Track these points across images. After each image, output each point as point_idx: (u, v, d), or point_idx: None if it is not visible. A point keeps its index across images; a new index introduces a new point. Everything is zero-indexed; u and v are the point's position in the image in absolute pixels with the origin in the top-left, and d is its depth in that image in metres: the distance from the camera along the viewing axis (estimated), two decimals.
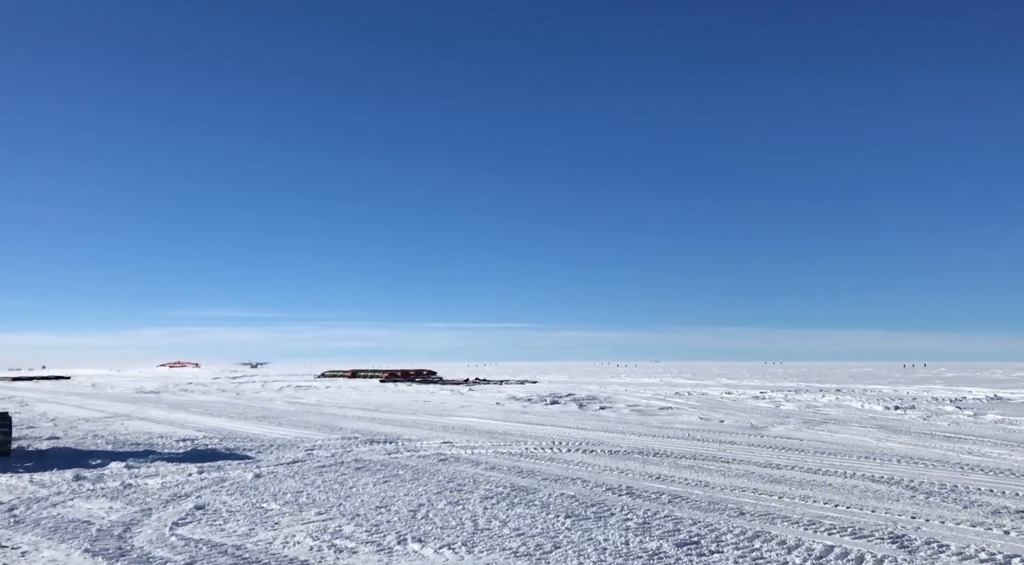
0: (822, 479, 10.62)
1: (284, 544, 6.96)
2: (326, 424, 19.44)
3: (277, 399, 31.70)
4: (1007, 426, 18.52)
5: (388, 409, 25.25)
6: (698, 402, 28.33)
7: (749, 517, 8.10)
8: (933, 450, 13.91)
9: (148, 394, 36.43)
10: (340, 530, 7.48)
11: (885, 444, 14.91)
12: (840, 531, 7.41)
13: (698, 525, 7.68)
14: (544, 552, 6.64)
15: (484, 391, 36.82)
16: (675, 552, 6.63)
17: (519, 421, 20.26)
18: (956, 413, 22.28)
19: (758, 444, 14.93)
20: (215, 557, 6.50)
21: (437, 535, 7.26)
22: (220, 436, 16.38)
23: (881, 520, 7.96)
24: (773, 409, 24.74)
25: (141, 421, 20.77)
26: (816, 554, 6.56)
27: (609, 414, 22.99)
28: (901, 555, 6.53)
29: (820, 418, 21.18)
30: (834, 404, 26.64)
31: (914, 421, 20.05)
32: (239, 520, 7.95)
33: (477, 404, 27.38)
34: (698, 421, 20.38)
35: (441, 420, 20.53)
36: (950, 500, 9.06)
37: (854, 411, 23.75)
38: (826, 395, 31.41)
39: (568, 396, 29.97)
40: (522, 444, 14.71)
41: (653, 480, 10.51)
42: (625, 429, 18.11)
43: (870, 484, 10.18)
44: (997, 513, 8.33)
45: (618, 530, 7.45)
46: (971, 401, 28.09)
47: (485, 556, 6.51)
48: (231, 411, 24.59)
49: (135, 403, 29.17)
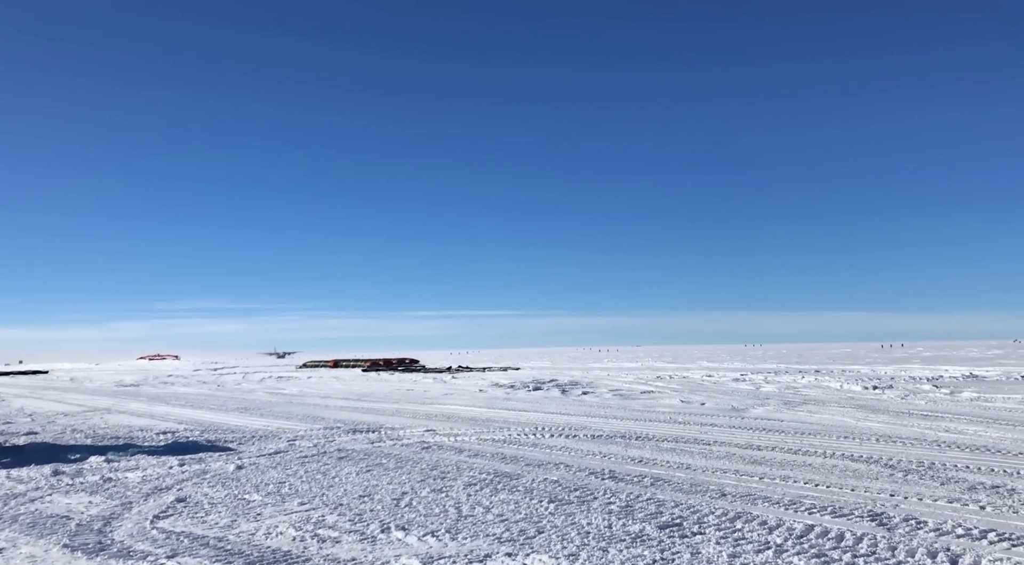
0: (802, 459, 10.72)
1: (267, 535, 6.93)
2: (308, 414, 19.37)
3: (258, 390, 31.54)
4: (982, 403, 18.79)
5: (370, 398, 25.19)
6: (679, 385, 28.51)
7: (731, 498, 8.17)
8: (911, 428, 14.09)
9: (128, 387, 36.10)
10: (323, 520, 7.46)
11: (864, 424, 15.09)
12: (820, 510, 7.49)
13: (680, 507, 7.73)
14: (528, 537, 6.66)
15: (467, 378, 36.83)
16: (658, 534, 6.67)
17: (502, 408, 20.29)
18: (933, 392, 22.58)
19: (739, 426, 15.05)
20: (197, 549, 6.46)
21: (421, 523, 7.26)
22: (201, 428, 16.28)
23: (860, 498, 8.06)
24: (753, 391, 24.95)
25: (121, 414, 20.58)
26: (797, 533, 6.63)
27: (591, 399, 23.08)
28: (880, 532, 6.62)
29: (800, 399, 21.38)
30: (813, 385, 26.91)
31: (892, 400, 20.30)
32: (221, 512, 7.91)
33: (460, 392, 27.38)
34: (679, 404, 20.51)
35: (424, 408, 20.52)
36: (927, 477, 9.19)
37: (833, 391, 24.01)
38: (805, 376, 31.72)
39: (551, 382, 30.05)
40: (505, 430, 14.73)
41: (635, 463, 10.57)
42: (607, 413, 18.19)
43: (849, 463, 10.29)
44: (973, 489, 8.46)
45: (601, 514, 7.49)
46: (947, 379, 28.48)
47: (469, 542, 6.52)
48: (212, 403, 24.43)
49: (114, 396, 28.90)
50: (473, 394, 25.93)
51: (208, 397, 27.56)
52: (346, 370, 56.18)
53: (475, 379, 35.78)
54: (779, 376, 32.79)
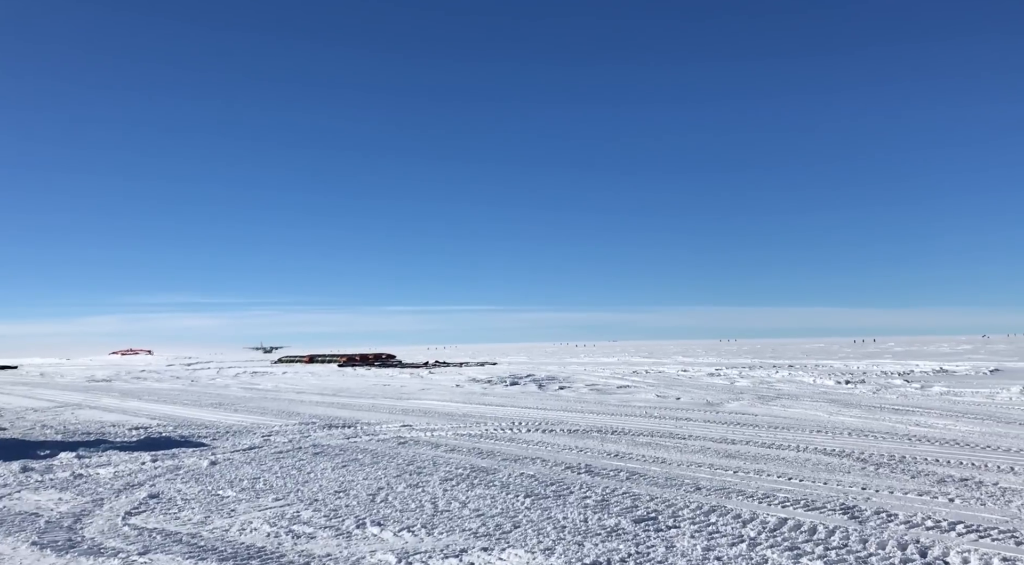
0: (776, 453, 10.83)
1: (240, 531, 6.87)
2: (283, 410, 19.24)
3: (233, 385, 31.27)
4: (952, 398, 19.09)
5: (346, 394, 25.08)
6: (655, 380, 28.67)
7: (705, 492, 8.23)
8: (882, 422, 14.27)
9: (99, 382, 35.64)
10: (298, 516, 7.41)
11: (836, 418, 15.26)
12: (793, 504, 7.57)
13: (655, 501, 7.78)
14: (504, 532, 6.66)
15: (444, 374, 36.78)
16: (633, 528, 6.70)
17: (479, 403, 20.28)
18: (904, 386, 22.90)
19: (714, 420, 15.16)
20: (169, 546, 6.39)
21: (396, 518, 7.24)
22: (175, 424, 16.11)
23: (833, 492, 8.15)
24: (728, 386, 25.15)
25: (92, 410, 20.31)
26: (770, 527, 6.69)
27: (568, 394, 23.14)
28: (852, 525, 6.70)
29: (773, 393, 21.59)
30: (787, 380, 27.18)
31: (864, 395, 20.55)
32: (194, 508, 7.83)
33: (437, 387, 27.34)
34: (655, 399, 20.62)
35: (400, 403, 20.46)
36: (898, 471, 9.31)
37: (806, 386, 24.26)
38: (779, 371, 32.03)
39: (528, 377, 30.09)
40: (482, 425, 14.73)
41: (611, 458, 10.61)
42: (584, 408, 18.25)
43: (822, 457, 10.41)
44: (942, 482, 8.59)
45: (577, 508, 7.51)
46: (918, 374, 28.89)
47: (445, 537, 6.51)
48: (186, 398, 24.19)
49: (86, 392, 28.52)
50: (450, 389, 25.89)
51: (182, 392, 27.28)
52: (322, 365, 55.87)
53: (452, 374, 35.73)
54: (753, 371, 33.08)
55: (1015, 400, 17.89)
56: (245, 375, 40.61)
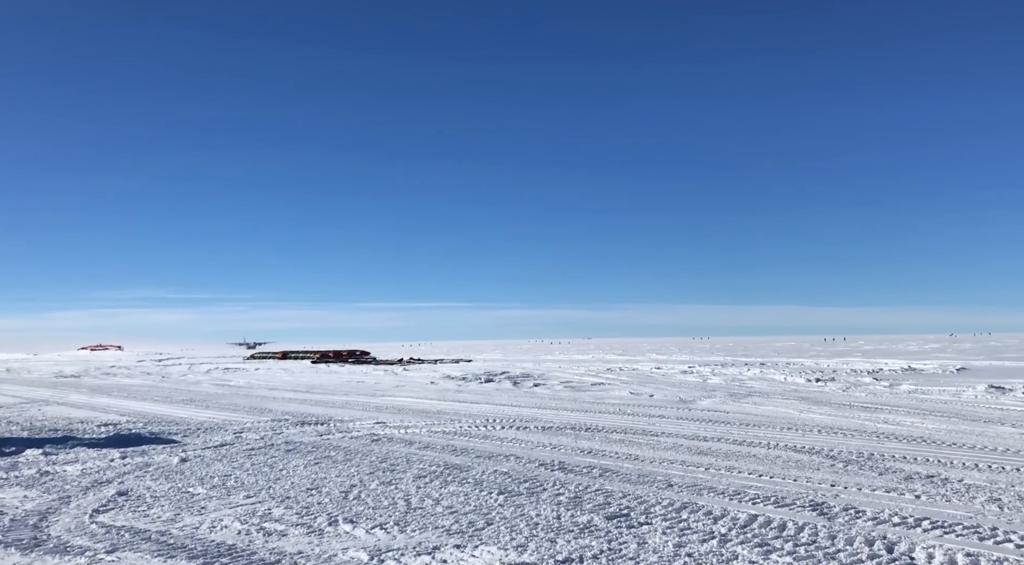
0: (747, 450, 10.93)
1: (211, 529, 6.81)
2: (255, 406, 19.08)
3: (204, 381, 30.95)
4: (919, 396, 19.39)
5: (320, 390, 24.92)
6: (629, 377, 28.81)
7: (677, 489, 8.29)
8: (851, 420, 14.47)
9: (68, 378, 35.08)
10: (269, 513, 7.36)
11: (806, 415, 15.44)
12: (764, 500, 7.65)
13: (628, 498, 7.82)
14: (477, 529, 6.66)
15: (418, 371, 36.68)
16: (605, 525, 6.74)
17: (453, 400, 20.26)
18: (873, 384, 23.23)
19: (686, 417, 15.27)
20: (138, 544, 6.32)
21: (369, 515, 7.21)
22: (145, 420, 15.91)
23: (802, 488, 8.25)
24: (701, 383, 25.34)
25: (60, 406, 20.00)
26: (741, 523, 6.76)
27: (543, 391, 23.18)
28: (821, 522, 6.78)
29: (745, 391, 21.80)
30: (758, 377, 27.45)
31: (834, 393, 20.82)
32: (164, 505, 7.75)
33: (411, 384, 27.26)
34: (629, 396, 20.73)
35: (374, 400, 20.38)
36: (867, 468, 9.45)
37: (777, 384, 24.52)
38: (751, 369, 32.33)
39: (502, 374, 30.10)
40: (456, 422, 14.72)
41: (585, 455, 10.65)
42: (558, 405, 18.30)
43: (792, 454, 10.53)
44: (909, 479, 8.73)
45: (550, 505, 7.53)
46: (887, 372, 29.32)
47: (418, 534, 6.50)
48: (156, 394, 23.90)
49: (53, 388, 28.07)
50: (424, 386, 25.83)
51: (152, 388, 26.94)
52: (295, 362, 55.48)
53: (426, 371, 35.65)
54: (726, 368, 33.36)
55: (980, 398, 18.22)
56: (217, 371, 40.21)
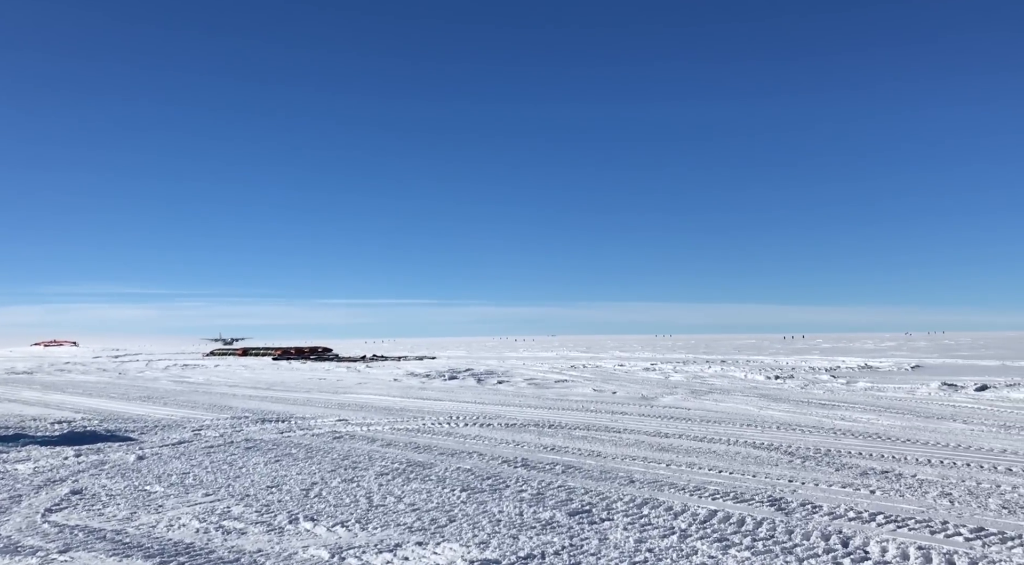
0: (707, 447, 11.06)
1: (168, 527, 6.70)
2: (215, 404, 18.81)
3: (162, 378, 30.44)
4: (875, 393, 19.80)
5: (281, 387, 24.66)
6: (592, 374, 28.98)
7: (639, 485, 8.35)
8: (809, 417, 14.71)
9: (20, 375, 34.23)
10: (228, 511, 7.27)
11: (766, 412, 15.67)
12: (723, 496, 7.74)
13: (590, 494, 7.87)
14: (439, 526, 6.65)
15: (381, 368, 36.47)
16: (567, 521, 6.77)
17: (417, 397, 20.19)
18: (831, 382, 23.65)
19: (648, 414, 15.40)
20: (92, 543, 6.20)
21: (330, 513, 7.16)
22: (100, 417, 15.60)
23: (761, 484, 8.37)
24: (663, 380, 25.58)
25: (11, 403, 19.51)
26: (700, 518, 6.84)
27: (507, 388, 23.20)
28: (779, 517, 6.89)
29: (706, 388, 22.05)
30: (719, 374, 27.79)
31: (792, 390, 21.16)
32: (120, 504, 7.60)
33: (374, 381, 27.10)
34: (592, 393, 20.84)
35: (337, 397, 20.22)
36: (824, 463, 9.62)
37: (738, 381, 24.85)
38: (712, 366, 32.71)
39: (466, 371, 30.06)
40: (419, 420, 14.67)
41: (548, 451, 10.69)
42: (522, 402, 18.33)
43: (751, 450, 10.68)
44: (865, 474, 8.91)
45: (512, 501, 7.55)
46: (844, 370, 29.88)
47: (379, 532, 6.47)
48: (113, 391, 23.44)
49: (4, 384, 27.36)
50: (387, 383, 25.70)
51: (108, 385, 26.42)
52: (256, 358, 54.80)
53: (390, 368, 35.46)
54: (687, 366, 33.72)
55: (933, 395, 18.65)
56: (175, 368, 39.56)
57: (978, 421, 13.58)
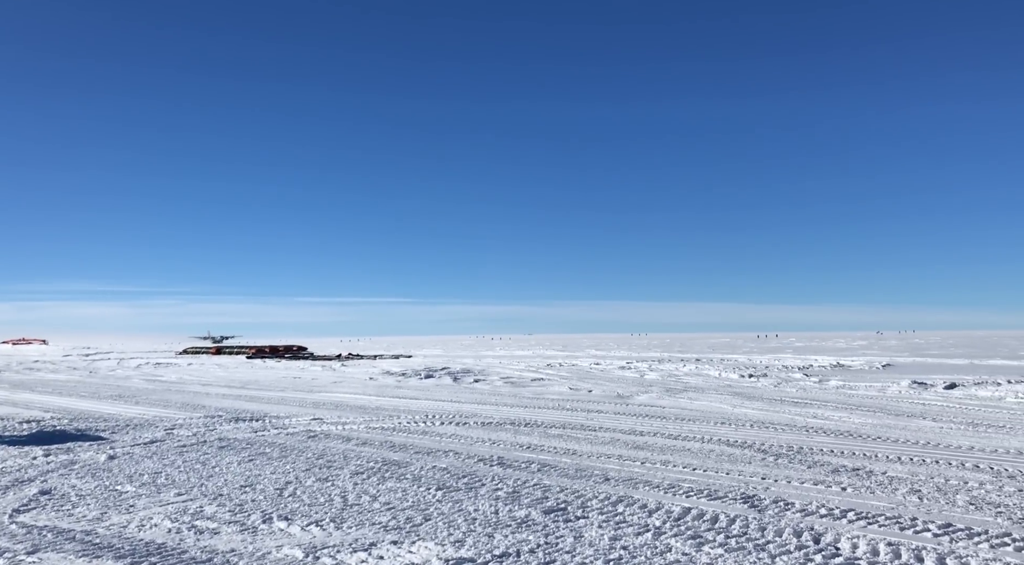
0: (682, 444, 11.14)
1: (140, 527, 6.62)
2: (188, 402, 18.62)
3: (134, 377, 30.07)
4: (847, 391, 20.05)
5: (255, 386, 24.46)
6: (568, 373, 29.06)
7: (614, 483, 8.39)
8: (782, 415, 14.87)
9: None
10: (201, 511, 7.20)
11: (739, 410, 15.81)
12: (697, 493, 7.80)
13: (565, 492, 7.89)
14: (414, 525, 6.64)
15: (357, 366, 36.31)
16: (543, 519, 6.78)
17: (392, 396, 20.12)
18: (803, 380, 23.92)
19: (623, 412, 15.47)
20: (61, 544, 6.11)
21: (305, 512, 7.12)
22: (70, 416, 15.37)
23: (735, 481, 8.44)
24: (638, 378, 25.71)
25: None
26: (675, 516, 6.88)
27: (483, 386, 23.19)
28: (752, 514, 6.96)
29: (681, 386, 22.19)
30: (694, 373, 27.99)
31: (766, 388, 21.37)
32: (90, 504, 7.50)
33: (349, 379, 26.97)
34: (568, 391, 20.90)
35: (311, 396, 20.10)
36: (796, 461, 9.73)
37: (712, 379, 25.04)
38: (687, 364, 32.94)
39: (443, 369, 30.02)
40: (395, 418, 14.62)
41: (524, 450, 10.70)
42: (498, 401, 18.33)
43: (725, 448, 10.77)
44: (836, 471, 9.02)
45: (488, 500, 7.55)
46: (817, 369, 30.22)
47: (354, 531, 6.44)
48: (83, 390, 23.11)
49: None
50: (363, 382, 25.59)
51: (79, 384, 26.05)
52: (229, 357, 54.31)
53: (365, 367, 35.31)
54: (662, 364, 33.92)
55: (904, 394, 18.93)
56: (148, 366, 39.11)
57: (947, 419, 13.80)
